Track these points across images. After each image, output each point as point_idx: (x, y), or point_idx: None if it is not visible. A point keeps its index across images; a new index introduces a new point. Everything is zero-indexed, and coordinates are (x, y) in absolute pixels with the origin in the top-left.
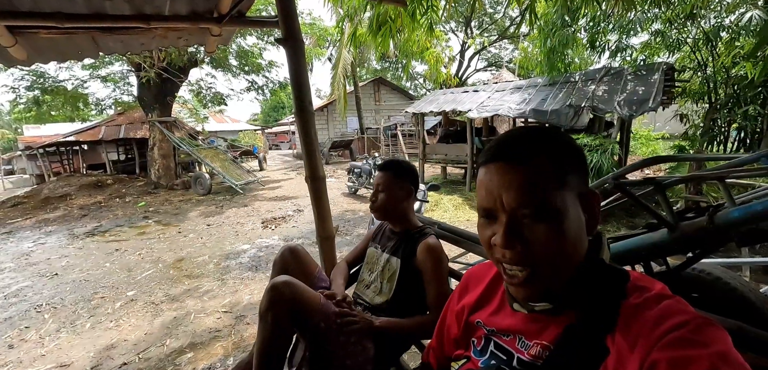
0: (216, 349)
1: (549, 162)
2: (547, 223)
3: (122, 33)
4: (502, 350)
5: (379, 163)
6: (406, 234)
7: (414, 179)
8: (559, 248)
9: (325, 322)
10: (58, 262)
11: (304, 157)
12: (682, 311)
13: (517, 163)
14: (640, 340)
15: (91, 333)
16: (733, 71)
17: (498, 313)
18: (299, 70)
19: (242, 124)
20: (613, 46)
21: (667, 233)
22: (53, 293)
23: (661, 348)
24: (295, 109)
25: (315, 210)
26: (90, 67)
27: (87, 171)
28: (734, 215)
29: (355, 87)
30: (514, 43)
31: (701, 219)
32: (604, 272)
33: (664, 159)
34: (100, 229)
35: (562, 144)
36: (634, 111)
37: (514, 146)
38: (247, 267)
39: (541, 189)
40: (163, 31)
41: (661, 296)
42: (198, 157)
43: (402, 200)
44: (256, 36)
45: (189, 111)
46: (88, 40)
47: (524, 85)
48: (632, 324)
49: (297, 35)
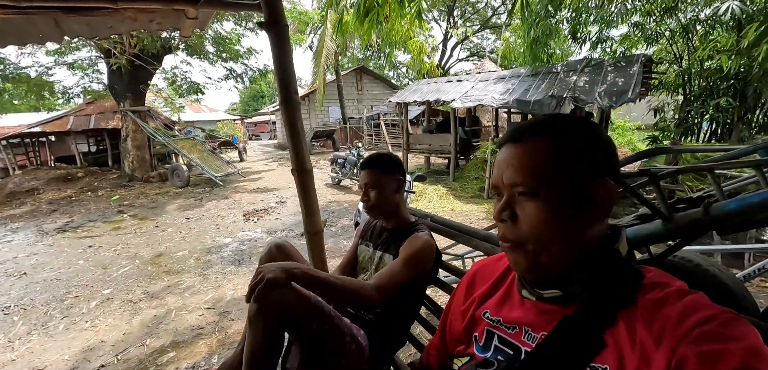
0: (200, 347)
1: (549, 144)
2: (537, 202)
3: (87, 14)
4: (508, 345)
5: (363, 161)
6: (399, 230)
7: (402, 171)
8: (546, 228)
9: (317, 323)
10: (26, 260)
11: (290, 150)
12: (707, 306)
13: (518, 143)
14: (666, 335)
15: (65, 335)
16: (708, 64)
17: (505, 304)
18: (284, 58)
19: (220, 113)
20: (593, 38)
21: (662, 224)
22: (22, 294)
23: (689, 343)
24: (280, 99)
25: (302, 204)
26: (55, 52)
27: (55, 164)
28: (731, 207)
29: (337, 76)
30: (495, 34)
31: (696, 210)
32: (616, 264)
33: (657, 151)
34: (72, 224)
35: (571, 129)
36: (613, 102)
37: (522, 128)
38: (229, 261)
39: (534, 169)
40: (134, 13)
41: (683, 291)
42: (175, 148)
43: (393, 193)
44: (234, 21)
45: (164, 100)
46: (49, 23)
47: (507, 75)
48: (655, 319)
49: (281, 20)
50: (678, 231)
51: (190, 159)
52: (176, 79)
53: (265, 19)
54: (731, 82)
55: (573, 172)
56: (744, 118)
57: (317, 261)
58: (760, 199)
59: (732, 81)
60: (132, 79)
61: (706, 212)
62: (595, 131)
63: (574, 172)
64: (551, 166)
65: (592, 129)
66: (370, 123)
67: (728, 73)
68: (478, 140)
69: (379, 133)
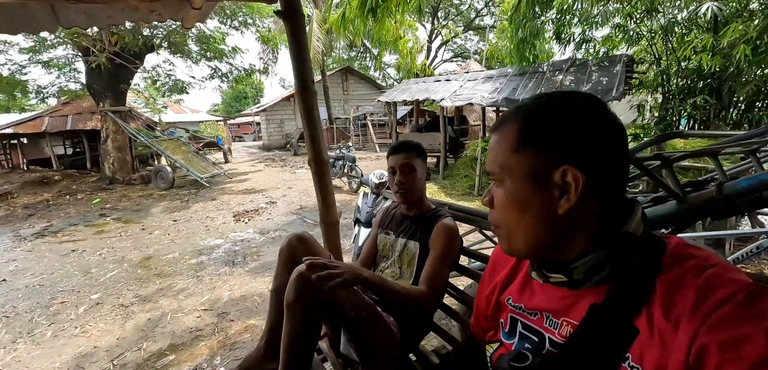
0: (200, 349)
1: (518, 131)
2: (502, 189)
3: (86, 2)
4: (532, 331)
5: (397, 145)
6: (422, 217)
7: (427, 159)
8: (509, 215)
9: (354, 311)
10: (4, 267)
11: (306, 140)
12: (728, 281)
13: (496, 131)
14: (683, 320)
15: (54, 342)
16: (685, 64)
17: (526, 289)
18: (300, 47)
19: (203, 114)
20: (577, 38)
21: (676, 205)
22: (2, 302)
23: (708, 329)
24: (296, 88)
25: (319, 195)
26: (29, 50)
27: (29, 167)
28: (743, 185)
29: (324, 76)
30: (479, 35)
31: (709, 190)
32: (631, 244)
33: (672, 135)
34: (51, 229)
35: (547, 113)
36: None
37: (504, 116)
38: (222, 262)
39: (499, 155)
40: (135, 3)
41: (700, 266)
42: (158, 149)
43: (423, 179)
44: (219, 20)
45: (145, 100)
46: (46, 10)
47: (495, 74)
48: (672, 302)
49: (298, 7)
50: (692, 211)
51: (175, 160)
52: (159, 79)
53: (282, 6)
54: (708, 81)
55: (532, 161)
56: (720, 115)
57: (333, 251)
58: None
59: (708, 80)
60: (112, 78)
61: (719, 191)
62: (569, 112)
63: (534, 161)
64: (510, 156)
65: (566, 110)
66: (357, 123)
67: (705, 73)
68: (466, 139)
69: (365, 133)
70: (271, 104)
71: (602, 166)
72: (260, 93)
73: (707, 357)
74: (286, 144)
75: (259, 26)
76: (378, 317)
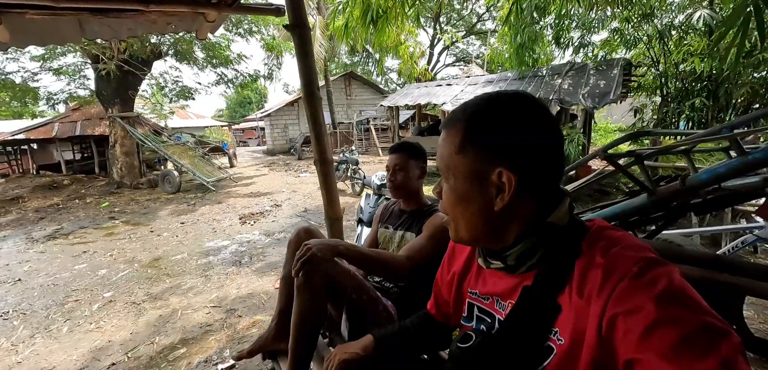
0: (210, 342)
1: (460, 131)
2: (446, 185)
3: (113, 16)
4: (485, 313)
5: (393, 146)
6: (419, 211)
7: (425, 159)
8: (452, 209)
9: (357, 294)
10: (18, 267)
11: (312, 141)
12: (626, 258)
13: (444, 130)
14: (593, 296)
15: (70, 337)
16: (683, 67)
17: (480, 277)
18: (307, 57)
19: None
20: (576, 43)
21: (647, 197)
22: (19, 299)
23: (613, 303)
24: (303, 95)
25: (323, 192)
26: (40, 58)
27: (39, 172)
28: (702, 177)
29: (327, 81)
30: (481, 40)
31: (675, 183)
32: (556, 232)
33: (645, 133)
34: (62, 231)
35: (488, 117)
36: (596, 103)
37: (449, 116)
38: (229, 262)
39: (445, 155)
40: (155, 16)
41: (608, 247)
42: (165, 153)
43: (417, 177)
44: (225, 27)
45: (151, 106)
46: (73, 24)
47: (495, 78)
48: (585, 282)
49: (304, 22)
50: (660, 202)
51: (182, 165)
52: (166, 85)
53: (291, 21)
54: (705, 84)
55: (472, 162)
56: (718, 117)
57: None
58: (726, 168)
59: (705, 82)
60: (120, 85)
61: (683, 182)
62: (508, 116)
63: (473, 162)
64: (453, 156)
65: (506, 113)
66: (360, 127)
67: (702, 75)
68: None
69: (369, 137)
70: (275, 109)
71: (534, 168)
72: (264, 98)
73: (617, 325)
74: (290, 148)
75: (264, 34)
76: (377, 300)
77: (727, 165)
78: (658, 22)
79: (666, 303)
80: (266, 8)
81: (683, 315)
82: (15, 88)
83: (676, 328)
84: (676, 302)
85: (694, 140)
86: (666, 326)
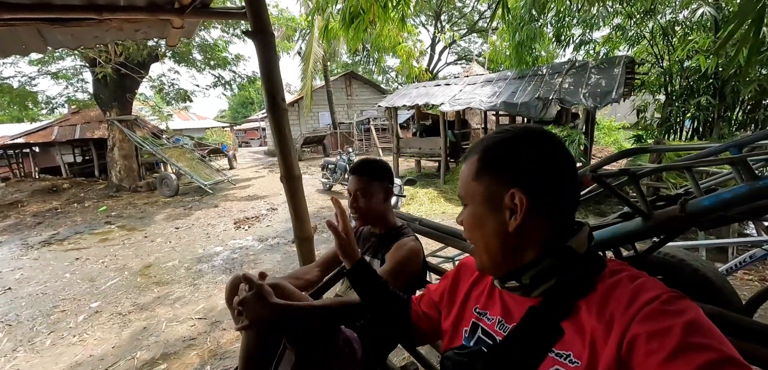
0: (191, 358)
1: (474, 164)
2: (466, 211)
3: (72, 25)
4: (488, 335)
5: (352, 167)
6: (386, 235)
7: (390, 178)
8: (472, 234)
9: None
10: (10, 275)
11: (278, 157)
12: (654, 287)
13: (464, 161)
14: (616, 318)
15: (52, 350)
16: (687, 64)
17: (490, 297)
18: (270, 66)
19: (209, 121)
20: (577, 40)
21: (642, 222)
22: (7, 310)
23: (638, 323)
24: (266, 106)
25: (291, 211)
26: (38, 62)
27: (40, 175)
28: (705, 204)
29: (327, 81)
30: (482, 38)
31: (673, 208)
32: (573, 257)
33: (639, 151)
34: (58, 237)
35: (495, 148)
36: (598, 102)
37: (470, 149)
38: (220, 270)
39: (464, 183)
40: (119, 24)
41: (633, 276)
42: (163, 156)
43: (381, 201)
44: (221, 29)
45: (151, 109)
46: (33, 34)
47: (495, 78)
48: (607, 305)
49: (266, 28)
50: (657, 228)
51: (179, 167)
52: (164, 87)
53: (251, 27)
54: (710, 82)
55: (487, 187)
56: (724, 115)
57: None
58: (732, 195)
59: (711, 80)
60: (118, 88)
61: (682, 208)
62: (519, 146)
63: (488, 187)
64: (470, 183)
65: (517, 144)
66: (361, 128)
67: (707, 73)
68: (468, 143)
69: (369, 137)
70: None
71: (545, 191)
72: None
73: (637, 345)
74: None
75: None
76: (334, 332)
77: (733, 192)
78: (662, 18)
79: (693, 332)
80: (231, 13)
81: (710, 344)
82: (12, 92)
83: (703, 355)
84: (703, 333)
85: (697, 159)
86: (693, 351)
